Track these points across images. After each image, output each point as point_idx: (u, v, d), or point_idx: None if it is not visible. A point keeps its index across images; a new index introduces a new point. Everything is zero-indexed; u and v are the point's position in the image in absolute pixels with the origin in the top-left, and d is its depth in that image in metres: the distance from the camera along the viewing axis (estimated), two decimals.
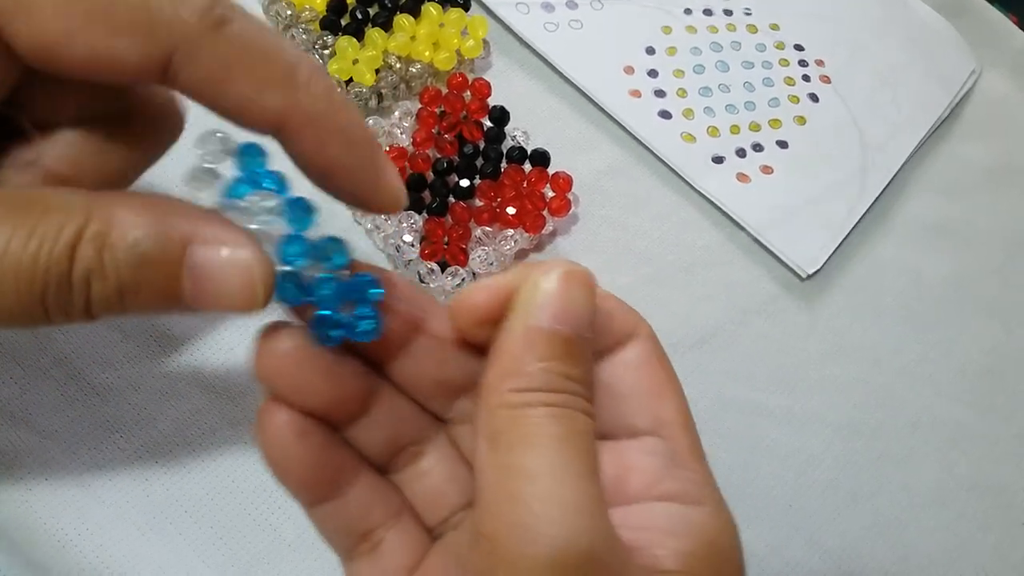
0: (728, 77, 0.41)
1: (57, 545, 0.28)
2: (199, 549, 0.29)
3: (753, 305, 0.37)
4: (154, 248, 0.20)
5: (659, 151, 0.39)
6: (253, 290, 0.20)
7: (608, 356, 0.23)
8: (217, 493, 0.30)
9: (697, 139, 0.40)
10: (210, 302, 0.21)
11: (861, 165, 0.40)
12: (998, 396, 0.38)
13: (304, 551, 0.30)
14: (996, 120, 0.45)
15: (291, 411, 0.21)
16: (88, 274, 0.20)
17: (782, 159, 0.40)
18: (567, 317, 0.21)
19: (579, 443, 0.20)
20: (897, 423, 0.36)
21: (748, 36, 0.43)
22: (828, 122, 0.41)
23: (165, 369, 0.31)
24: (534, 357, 0.20)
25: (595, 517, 0.19)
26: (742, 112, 0.41)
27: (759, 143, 0.40)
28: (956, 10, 0.46)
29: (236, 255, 0.20)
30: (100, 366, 0.31)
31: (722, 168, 0.39)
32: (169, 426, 0.30)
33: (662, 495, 0.22)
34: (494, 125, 0.36)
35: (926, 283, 0.40)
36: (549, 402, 0.20)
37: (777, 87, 0.42)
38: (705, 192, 0.39)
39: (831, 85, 0.42)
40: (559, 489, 0.19)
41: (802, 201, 0.39)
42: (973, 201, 0.42)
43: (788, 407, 0.36)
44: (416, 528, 0.24)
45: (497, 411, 0.20)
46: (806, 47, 0.43)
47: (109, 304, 0.21)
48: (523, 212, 0.35)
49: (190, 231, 0.20)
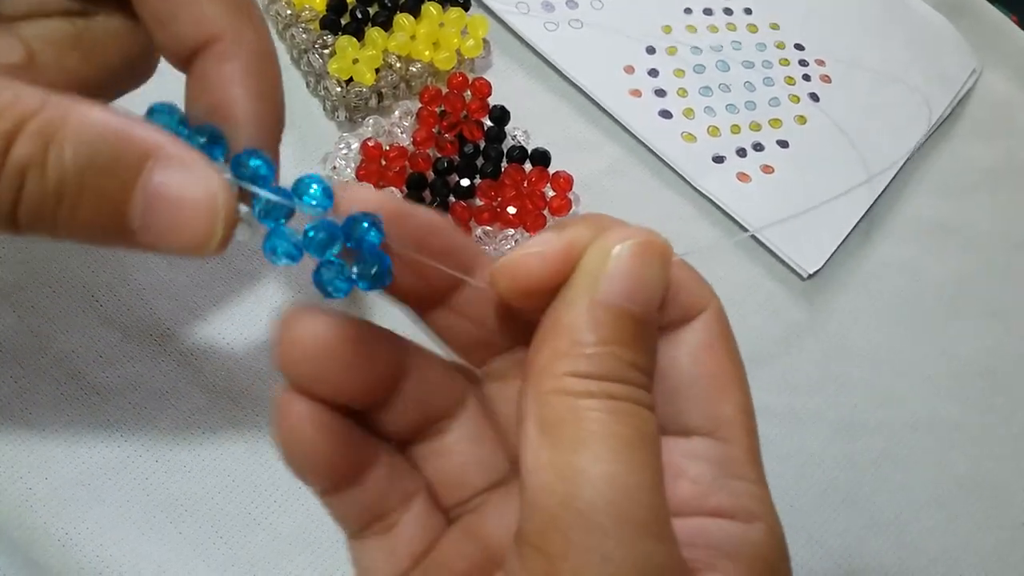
0: (728, 77, 0.41)
1: (57, 544, 0.28)
2: (199, 548, 0.29)
3: (753, 304, 0.37)
4: (111, 152, 0.18)
5: (659, 150, 0.39)
6: (212, 226, 0.18)
7: (666, 335, 0.20)
8: (217, 492, 0.30)
9: (698, 139, 0.40)
10: (160, 233, 0.18)
11: (862, 165, 0.40)
12: (998, 396, 0.38)
13: (305, 550, 0.30)
14: (997, 120, 0.45)
15: (312, 402, 0.19)
16: (24, 168, 0.17)
17: (783, 158, 0.40)
18: (640, 295, 0.18)
19: (647, 448, 0.17)
20: (897, 423, 0.36)
21: (748, 36, 0.43)
22: (829, 122, 0.41)
23: (165, 369, 0.31)
24: (598, 338, 0.18)
25: (664, 539, 0.17)
26: (743, 112, 0.40)
27: (760, 142, 0.40)
28: (957, 10, 0.46)
29: (200, 181, 0.18)
30: (100, 366, 0.30)
31: (723, 167, 0.39)
32: (169, 426, 0.30)
33: (717, 511, 0.19)
34: (494, 125, 0.36)
35: (926, 283, 0.40)
36: (613, 394, 0.17)
37: (778, 86, 0.41)
38: (705, 191, 0.38)
39: (831, 84, 0.42)
40: (628, 504, 0.17)
41: (803, 201, 0.39)
42: (974, 201, 0.42)
43: (788, 406, 0.36)
44: (432, 509, 0.21)
45: (551, 397, 0.18)
46: (806, 47, 0.43)
47: (42, 209, 0.18)
48: (524, 212, 0.35)
49: (155, 146, 0.18)
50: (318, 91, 0.37)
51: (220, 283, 0.33)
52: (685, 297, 0.20)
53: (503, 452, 0.22)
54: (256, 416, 0.31)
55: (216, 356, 0.32)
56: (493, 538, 0.21)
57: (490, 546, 0.21)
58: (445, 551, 0.21)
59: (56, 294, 0.31)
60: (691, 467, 0.19)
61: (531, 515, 0.17)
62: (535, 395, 0.18)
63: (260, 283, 0.33)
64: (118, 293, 0.32)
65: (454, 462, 0.21)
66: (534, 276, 0.19)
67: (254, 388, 0.31)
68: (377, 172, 0.34)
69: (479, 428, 0.22)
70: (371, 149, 0.35)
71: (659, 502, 0.17)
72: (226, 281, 0.33)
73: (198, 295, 0.32)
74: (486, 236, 0.35)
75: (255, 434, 0.31)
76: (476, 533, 0.21)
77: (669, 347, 0.20)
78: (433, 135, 0.35)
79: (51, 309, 0.31)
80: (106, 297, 0.32)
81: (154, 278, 0.32)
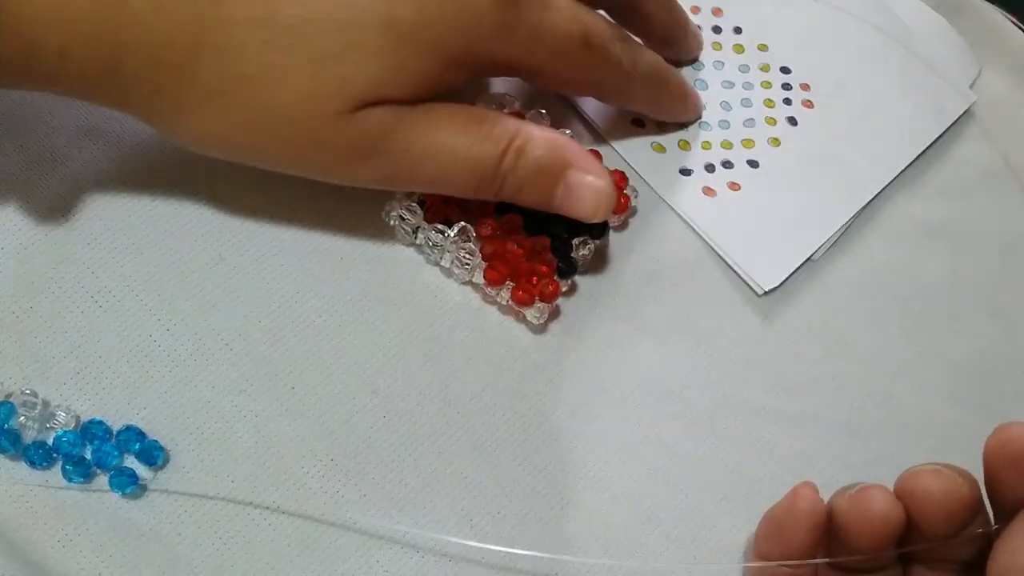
0: (706, 96, 0.41)
1: (57, 545, 0.28)
2: (198, 549, 0.29)
3: (751, 305, 0.37)
4: (550, 163, 0.31)
5: (628, 159, 0.39)
6: (598, 209, 0.32)
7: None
8: (217, 493, 0.30)
9: (667, 150, 0.40)
10: (571, 208, 0.32)
11: (834, 190, 0.40)
12: (995, 396, 0.38)
13: (306, 552, 0.30)
14: (995, 120, 0.44)
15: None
16: (507, 172, 0.31)
17: (751, 177, 0.40)
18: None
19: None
20: (894, 423, 0.36)
21: (733, 56, 0.43)
22: (803, 146, 0.41)
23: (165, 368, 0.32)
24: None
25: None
26: (716, 130, 0.41)
27: (729, 160, 0.40)
28: (955, 9, 0.46)
29: (596, 183, 0.31)
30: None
31: (689, 180, 0.39)
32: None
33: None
34: None
35: (923, 282, 0.40)
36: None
37: (755, 108, 0.42)
38: (669, 202, 0.39)
39: (813, 110, 0.42)
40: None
41: (767, 220, 0.39)
42: (971, 201, 0.42)
43: (785, 407, 0.36)
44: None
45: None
46: (793, 70, 0.43)
47: (511, 193, 0.31)
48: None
49: (573, 159, 0.31)
50: None
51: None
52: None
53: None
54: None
55: (216, 355, 0.32)
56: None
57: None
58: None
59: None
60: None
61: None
62: None
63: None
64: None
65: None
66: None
67: (254, 386, 0.32)
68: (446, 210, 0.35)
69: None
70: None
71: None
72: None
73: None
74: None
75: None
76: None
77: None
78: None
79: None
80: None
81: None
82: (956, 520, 0.26)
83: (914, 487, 0.26)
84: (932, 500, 0.25)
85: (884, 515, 0.26)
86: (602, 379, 0.35)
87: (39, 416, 0.29)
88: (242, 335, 0.32)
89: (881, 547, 0.26)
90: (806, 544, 0.28)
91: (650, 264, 0.37)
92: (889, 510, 0.26)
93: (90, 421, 0.30)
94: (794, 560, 0.28)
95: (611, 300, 0.36)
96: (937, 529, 0.26)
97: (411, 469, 0.32)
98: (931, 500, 0.25)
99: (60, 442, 0.29)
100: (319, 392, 0.32)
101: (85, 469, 0.29)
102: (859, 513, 0.26)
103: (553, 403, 0.34)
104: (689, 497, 0.33)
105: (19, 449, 0.29)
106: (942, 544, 0.26)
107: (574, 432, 0.33)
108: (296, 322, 0.33)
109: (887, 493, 0.26)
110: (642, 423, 0.34)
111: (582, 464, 0.33)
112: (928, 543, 0.26)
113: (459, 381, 0.33)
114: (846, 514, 0.27)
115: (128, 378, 0.31)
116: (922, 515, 0.26)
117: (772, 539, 0.29)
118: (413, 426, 0.32)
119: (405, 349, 0.33)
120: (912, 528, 0.26)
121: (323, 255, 0.34)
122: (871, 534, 0.26)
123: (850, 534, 0.27)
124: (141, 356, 0.31)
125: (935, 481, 0.25)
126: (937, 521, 0.26)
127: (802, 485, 0.28)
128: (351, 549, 0.30)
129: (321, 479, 0.31)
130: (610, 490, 0.33)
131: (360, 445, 0.32)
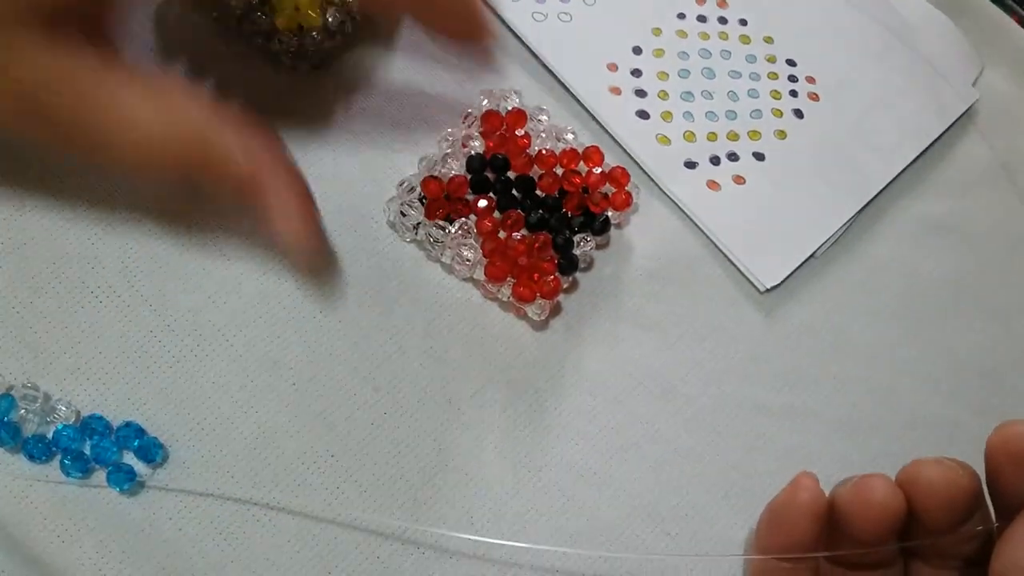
0: (713, 84, 0.41)
1: (57, 541, 0.28)
2: (199, 546, 0.29)
3: (752, 301, 0.37)
4: None
5: (632, 150, 0.39)
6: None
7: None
8: (216, 490, 0.30)
9: (672, 142, 0.39)
10: None
11: (838, 186, 0.40)
12: (996, 396, 0.38)
13: (306, 548, 0.30)
14: (996, 119, 0.44)
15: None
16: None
17: (756, 170, 0.39)
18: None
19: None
20: (895, 422, 0.36)
21: (740, 46, 0.42)
22: (809, 140, 0.41)
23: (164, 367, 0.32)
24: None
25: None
26: (722, 120, 0.40)
27: (735, 152, 0.40)
28: (957, 8, 0.46)
29: None
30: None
31: (694, 173, 0.39)
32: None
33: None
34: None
35: (925, 281, 0.40)
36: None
37: (762, 99, 0.41)
38: (673, 195, 0.38)
39: (819, 103, 0.42)
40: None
41: (771, 216, 0.38)
42: (972, 199, 0.42)
43: (786, 405, 0.36)
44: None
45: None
46: (799, 63, 0.43)
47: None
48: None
49: None
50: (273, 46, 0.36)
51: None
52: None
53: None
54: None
55: (216, 354, 0.32)
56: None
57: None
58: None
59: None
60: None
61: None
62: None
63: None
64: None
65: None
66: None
67: (253, 384, 0.32)
68: (447, 206, 0.35)
69: None
70: (432, 187, 0.35)
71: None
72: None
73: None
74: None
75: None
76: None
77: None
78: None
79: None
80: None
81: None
82: (957, 510, 0.26)
83: (916, 476, 0.26)
84: (933, 488, 0.25)
85: (885, 503, 0.25)
86: (603, 376, 0.35)
87: (39, 410, 0.29)
88: (243, 332, 0.32)
89: (882, 537, 0.26)
90: (808, 535, 0.27)
91: (651, 261, 0.37)
92: (890, 498, 0.25)
93: (90, 416, 0.30)
94: (795, 553, 0.28)
95: (612, 297, 0.36)
96: (938, 519, 0.26)
97: (411, 465, 0.32)
98: (932, 488, 0.25)
99: (60, 436, 0.29)
100: (320, 389, 0.32)
101: (83, 464, 0.29)
102: (860, 501, 0.26)
103: (554, 399, 0.34)
104: (690, 493, 0.33)
105: (19, 442, 0.29)
106: (943, 539, 0.26)
107: (575, 428, 0.34)
108: (297, 318, 0.33)
109: (888, 482, 0.26)
110: (643, 419, 0.34)
111: (583, 460, 0.33)
112: (930, 537, 0.26)
113: (460, 378, 0.33)
114: (848, 503, 0.26)
115: (128, 374, 0.31)
116: (923, 505, 0.26)
117: (773, 530, 0.29)
118: (414, 423, 0.32)
119: (406, 346, 0.33)
120: (913, 521, 0.26)
121: (324, 251, 0.34)
122: (872, 522, 0.26)
123: (851, 523, 0.26)
124: (142, 352, 0.31)
125: (937, 470, 0.25)
126: (938, 511, 0.25)
127: (803, 475, 0.28)
128: (351, 545, 0.30)
129: (321, 476, 0.31)
130: (611, 486, 0.33)
131: (361, 442, 0.32)
